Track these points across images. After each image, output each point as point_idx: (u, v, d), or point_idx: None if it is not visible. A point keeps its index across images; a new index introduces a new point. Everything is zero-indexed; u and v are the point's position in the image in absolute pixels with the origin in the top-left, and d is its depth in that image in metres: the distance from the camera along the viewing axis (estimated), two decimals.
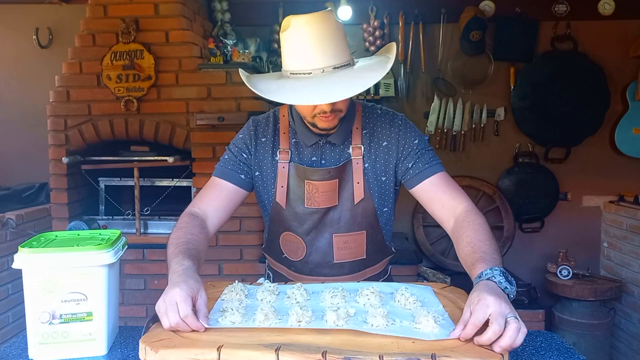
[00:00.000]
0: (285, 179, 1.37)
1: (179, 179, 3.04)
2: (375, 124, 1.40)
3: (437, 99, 3.47)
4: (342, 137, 1.36)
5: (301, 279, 1.41)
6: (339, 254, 1.40)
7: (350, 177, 1.36)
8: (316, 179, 1.34)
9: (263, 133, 1.42)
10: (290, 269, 1.45)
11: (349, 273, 1.42)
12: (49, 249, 1.06)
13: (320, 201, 1.35)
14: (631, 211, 3.22)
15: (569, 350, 1.07)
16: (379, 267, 1.48)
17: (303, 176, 1.35)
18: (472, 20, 3.25)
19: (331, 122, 1.29)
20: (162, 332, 0.98)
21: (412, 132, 1.39)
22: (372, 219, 1.39)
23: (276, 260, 1.50)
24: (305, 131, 1.37)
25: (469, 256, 1.13)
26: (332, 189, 1.35)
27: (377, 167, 1.37)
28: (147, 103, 2.90)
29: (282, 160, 1.38)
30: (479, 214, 1.26)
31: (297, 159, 1.38)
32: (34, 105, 3.45)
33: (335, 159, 1.37)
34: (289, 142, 1.39)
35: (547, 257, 3.41)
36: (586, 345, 3.05)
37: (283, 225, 1.41)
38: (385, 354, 0.86)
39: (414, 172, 1.35)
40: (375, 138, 1.38)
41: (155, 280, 2.94)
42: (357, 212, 1.37)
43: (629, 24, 3.43)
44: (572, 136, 3.50)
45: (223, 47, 3.04)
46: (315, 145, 1.37)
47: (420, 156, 1.35)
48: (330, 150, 1.38)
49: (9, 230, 2.88)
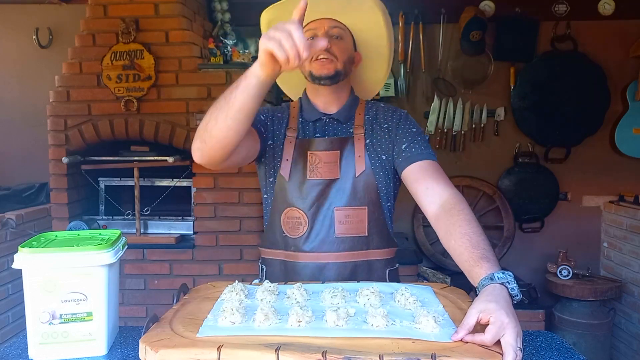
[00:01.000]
0: (291, 153, 1.43)
1: (179, 179, 3.04)
2: (377, 111, 1.50)
3: (437, 99, 3.47)
4: (345, 117, 1.48)
5: (300, 258, 1.42)
6: (340, 228, 1.41)
7: (351, 151, 1.42)
8: (319, 149, 1.42)
9: (279, 110, 1.53)
10: (290, 249, 1.45)
11: (350, 250, 1.42)
12: (49, 249, 1.06)
13: (322, 172, 1.41)
14: (631, 211, 3.23)
15: (569, 350, 1.07)
16: (384, 253, 1.47)
17: (307, 147, 1.43)
18: (472, 20, 3.26)
19: (325, 67, 1.39)
20: (162, 332, 0.98)
21: (412, 122, 1.48)
22: (374, 196, 1.42)
23: (272, 246, 1.50)
24: (310, 109, 1.48)
25: (467, 250, 1.12)
26: (333, 160, 1.41)
27: (378, 144, 1.44)
28: (147, 103, 2.90)
29: (289, 136, 1.46)
30: (466, 203, 1.26)
31: (302, 135, 1.47)
32: (34, 105, 3.45)
33: (337, 135, 1.46)
34: (297, 122, 1.49)
35: (547, 257, 3.41)
36: (586, 345, 3.05)
37: (286, 201, 1.44)
38: (385, 354, 0.86)
39: (406, 154, 1.40)
40: (377, 121, 1.47)
41: (155, 280, 2.94)
42: (359, 186, 1.41)
43: (629, 24, 3.43)
44: (572, 136, 3.50)
45: (223, 47, 3.04)
46: (319, 122, 1.48)
47: (415, 142, 1.41)
48: (333, 127, 1.47)
49: (9, 230, 2.89)
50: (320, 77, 1.41)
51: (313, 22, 1.43)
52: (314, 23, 1.43)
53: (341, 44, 1.42)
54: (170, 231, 3.06)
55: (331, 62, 1.39)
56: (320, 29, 1.41)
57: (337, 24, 1.43)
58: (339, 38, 1.42)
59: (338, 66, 1.40)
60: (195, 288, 1.27)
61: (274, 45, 1.04)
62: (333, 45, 1.39)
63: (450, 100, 3.48)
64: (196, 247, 2.94)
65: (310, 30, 1.42)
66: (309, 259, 1.41)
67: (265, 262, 1.55)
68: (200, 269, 2.94)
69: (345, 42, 1.44)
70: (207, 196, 2.92)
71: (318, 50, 1.29)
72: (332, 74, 1.40)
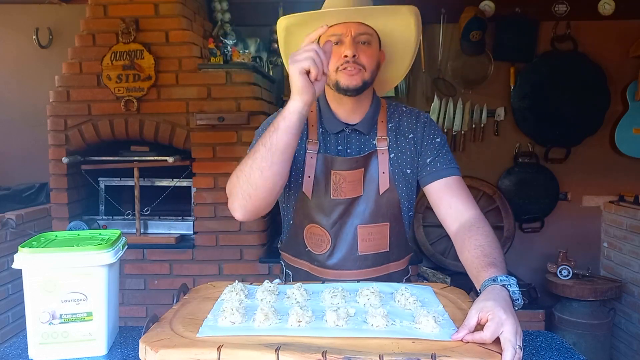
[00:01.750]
0: (313, 169, 1.38)
1: (179, 179, 3.04)
2: (401, 118, 1.43)
3: (437, 99, 3.47)
4: (368, 127, 1.40)
5: (324, 274, 1.40)
6: (363, 246, 1.39)
7: (375, 167, 1.37)
8: (343, 168, 1.36)
9: None
10: (314, 263, 1.43)
11: (372, 266, 1.40)
12: (49, 249, 1.06)
13: (346, 191, 1.36)
14: (631, 211, 3.23)
15: (569, 350, 1.07)
16: (401, 263, 1.47)
17: (330, 166, 1.37)
18: (472, 20, 3.25)
19: (354, 77, 1.31)
20: (162, 332, 0.98)
21: (436, 130, 1.42)
22: (396, 211, 1.39)
23: (297, 256, 1.48)
24: (331, 119, 1.41)
25: (478, 258, 1.13)
26: (357, 179, 1.37)
27: (403, 158, 1.39)
28: (147, 103, 2.90)
29: (310, 150, 1.39)
30: (487, 223, 1.27)
31: (324, 149, 1.40)
32: (34, 105, 3.45)
33: (360, 148, 1.40)
34: (317, 133, 1.41)
35: (547, 257, 3.41)
36: (586, 345, 3.05)
37: (308, 218, 1.41)
38: (385, 354, 0.86)
39: (431, 169, 1.37)
40: (401, 130, 1.41)
41: (155, 280, 2.94)
42: (382, 202, 1.38)
43: (629, 24, 3.43)
44: (572, 136, 3.50)
45: (223, 47, 3.04)
46: (341, 134, 1.41)
47: (439, 155, 1.38)
48: (355, 139, 1.40)
49: (9, 230, 2.89)
50: (347, 88, 1.33)
51: (339, 26, 1.32)
52: (339, 27, 1.32)
53: (369, 50, 1.34)
54: (170, 231, 3.06)
55: (359, 73, 1.32)
56: (347, 34, 1.31)
57: (365, 28, 1.34)
58: (366, 44, 1.33)
59: (365, 76, 1.33)
60: (195, 288, 1.27)
61: (309, 63, 1.12)
62: (361, 54, 1.31)
63: (450, 100, 3.48)
64: (196, 247, 2.94)
65: (335, 35, 1.32)
66: (332, 275, 1.40)
67: (290, 267, 1.52)
68: (200, 269, 2.94)
69: (372, 48, 1.35)
70: (207, 196, 2.92)
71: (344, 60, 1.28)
72: (360, 86, 1.33)
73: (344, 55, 1.31)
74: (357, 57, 1.31)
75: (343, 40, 1.32)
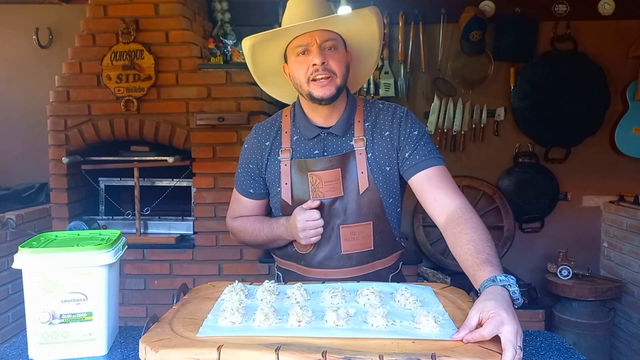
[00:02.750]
0: (288, 176, 1.41)
1: (179, 179, 3.04)
2: (377, 116, 1.43)
3: (437, 99, 3.47)
4: (344, 129, 1.41)
5: (310, 273, 1.43)
6: (346, 245, 1.40)
7: (354, 167, 1.38)
8: (318, 169, 1.38)
9: (266, 137, 1.48)
10: (300, 262, 1.46)
11: (357, 265, 1.42)
12: (49, 249, 1.06)
13: (325, 191, 1.38)
14: (631, 211, 3.23)
15: (569, 350, 1.07)
16: (389, 260, 1.47)
17: (305, 169, 1.39)
18: (472, 20, 3.25)
19: (326, 88, 1.33)
20: (162, 332, 0.98)
21: (413, 123, 1.42)
22: (378, 210, 1.40)
23: (285, 257, 1.51)
24: (307, 124, 1.42)
25: (472, 255, 1.13)
26: (335, 179, 1.38)
27: (381, 156, 1.40)
28: (147, 103, 2.90)
29: (283, 158, 1.43)
30: (475, 212, 1.26)
31: (299, 154, 1.42)
32: (33, 105, 3.45)
33: (337, 151, 1.41)
34: (290, 140, 1.44)
35: (547, 257, 3.41)
36: (586, 345, 3.05)
37: None
38: (385, 354, 0.86)
39: (411, 163, 1.37)
40: (377, 129, 1.41)
41: (155, 280, 2.94)
42: (363, 202, 1.39)
43: (629, 24, 3.43)
44: (572, 136, 3.50)
45: (223, 47, 3.04)
46: (317, 138, 1.42)
47: (418, 147, 1.38)
48: (332, 142, 1.42)
49: (9, 230, 2.88)
50: (322, 99, 1.34)
51: (303, 36, 1.33)
52: (304, 37, 1.33)
53: (336, 54, 1.35)
54: (170, 231, 3.06)
55: (331, 81, 1.32)
56: (312, 42, 1.32)
57: (330, 34, 1.34)
58: (332, 49, 1.34)
59: (338, 82, 1.34)
60: (195, 288, 1.28)
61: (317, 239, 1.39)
62: (329, 60, 1.32)
63: (450, 100, 3.48)
64: (196, 247, 2.94)
65: (301, 46, 1.34)
66: (318, 274, 1.42)
67: (281, 270, 1.56)
68: (200, 269, 2.94)
69: (340, 52, 1.36)
70: (207, 196, 2.92)
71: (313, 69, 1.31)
72: (334, 94, 1.34)
73: (313, 64, 1.32)
74: (327, 64, 1.32)
75: (310, 50, 1.33)
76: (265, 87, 1.55)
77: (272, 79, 1.51)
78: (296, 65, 1.36)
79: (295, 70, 1.36)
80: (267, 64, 1.46)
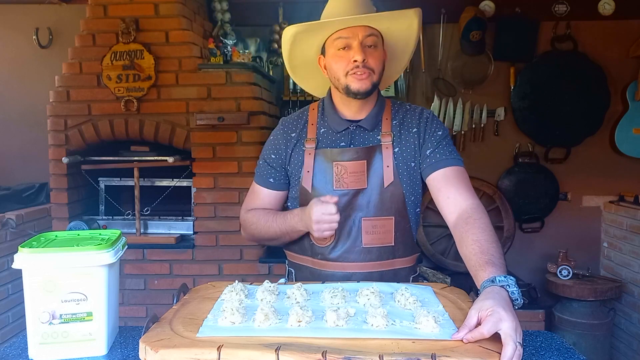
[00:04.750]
0: (311, 164, 1.42)
1: (179, 179, 3.04)
2: (404, 115, 1.46)
3: (437, 99, 3.47)
4: (372, 124, 1.43)
5: (327, 267, 1.42)
6: (367, 238, 1.40)
7: (379, 161, 1.39)
8: (345, 159, 1.39)
9: (292, 128, 1.49)
10: (317, 257, 1.44)
11: (376, 259, 1.41)
12: (49, 249, 1.06)
13: (349, 182, 1.39)
14: (631, 211, 3.22)
15: (569, 350, 1.07)
16: (408, 261, 1.47)
17: (331, 158, 1.40)
18: (472, 20, 3.25)
19: (364, 82, 1.34)
20: (162, 332, 0.98)
21: (439, 124, 1.45)
22: (401, 206, 1.41)
23: (300, 252, 1.50)
24: (336, 118, 1.44)
25: (476, 255, 1.13)
26: (360, 170, 1.39)
27: (407, 152, 1.41)
28: (147, 103, 2.90)
29: (308, 147, 1.44)
30: (485, 213, 1.27)
31: (324, 145, 1.44)
32: (33, 105, 3.44)
33: (364, 144, 1.42)
34: (316, 132, 1.45)
35: (547, 257, 3.41)
36: (586, 345, 3.05)
37: None
38: (385, 354, 0.86)
39: (430, 160, 1.38)
40: (405, 125, 1.44)
41: (155, 280, 2.94)
42: (386, 196, 1.39)
43: (629, 24, 3.43)
44: (572, 136, 3.50)
45: (223, 47, 3.04)
46: (346, 131, 1.44)
47: (439, 147, 1.39)
48: (360, 136, 1.43)
49: (9, 230, 2.88)
50: (358, 92, 1.36)
51: (345, 30, 1.34)
52: (346, 31, 1.34)
53: (376, 53, 1.36)
54: (170, 231, 3.06)
55: (368, 76, 1.35)
56: (354, 38, 1.33)
57: (372, 31, 1.35)
58: (373, 47, 1.36)
59: (374, 79, 1.36)
60: (195, 288, 1.28)
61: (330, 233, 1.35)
62: (369, 57, 1.34)
63: (450, 100, 3.48)
64: (196, 247, 2.94)
65: (342, 39, 1.35)
66: (335, 268, 1.41)
67: (293, 265, 1.54)
68: (200, 269, 2.94)
69: (379, 50, 1.38)
70: (207, 196, 2.92)
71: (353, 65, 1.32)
72: (370, 89, 1.36)
73: (354, 60, 1.33)
74: (366, 62, 1.33)
75: (351, 45, 1.34)
76: (296, 77, 1.56)
77: (303, 70, 1.52)
78: (336, 59, 1.37)
79: (334, 63, 1.37)
80: (303, 54, 1.47)
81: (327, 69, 1.42)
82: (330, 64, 1.39)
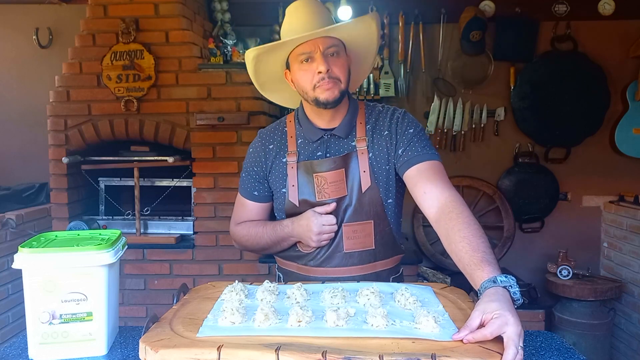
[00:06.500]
0: (295, 178, 1.44)
1: (179, 179, 3.04)
2: (377, 117, 1.47)
3: (437, 99, 3.47)
4: (346, 131, 1.44)
5: (311, 272, 1.45)
6: (348, 244, 1.42)
7: (356, 166, 1.41)
8: (323, 170, 1.41)
9: (270, 140, 1.51)
10: (300, 262, 1.47)
11: (358, 264, 1.43)
12: (49, 249, 1.06)
13: (330, 192, 1.41)
14: (631, 211, 3.23)
15: (569, 350, 1.07)
16: (389, 262, 1.48)
17: (311, 170, 1.42)
18: (472, 20, 3.25)
19: (331, 91, 1.35)
20: (162, 332, 0.98)
21: (410, 122, 1.45)
22: (379, 209, 1.42)
23: (286, 258, 1.53)
24: (310, 128, 1.45)
25: (467, 253, 1.12)
26: (339, 179, 1.41)
27: (381, 155, 1.42)
28: (147, 103, 2.90)
29: (290, 161, 1.45)
30: (465, 205, 1.26)
31: (304, 157, 1.45)
32: (33, 105, 3.45)
33: (339, 152, 1.43)
34: (296, 144, 1.47)
35: (547, 257, 3.41)
36: (586, 345, 3.05)
37: None
38: (385, 354, 0.86)
39: (404, 158, 1.39)
40: (377, 129, 1.44)
41: (155, 280, 2.94)
42: (365, 201, 1.41)
43: (629, 24, 3.43)
44: (572, 136, 3.50)
45: (223, 47, 3.04)
46: (320, 140, 1.45)
47: (411, 144, 1.40)
48: (335, 144, 1.44)
49: (9, 230, 2.88)
50: (327, 102, 1.36)
51: (306, 44, 1.35)
52: (307, 45, 1.34)
53: (339, 60, 1.37)
54: (170, 231, 3.06)
55: (335, 85, 1.35)
56: (316, 50, 1.34)
57: (332, 41, 1.36)
58: (335, 55, 1.37)
59: (342, 87, 1.37)
60: (195, 288, 1.28)
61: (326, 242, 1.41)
62: (333, 66, 1.35)
63: (450, 100, 3.48)
64: (196, 247, 2.94)
65: (304, 54, 1.35)
66: (319, 273, 1.44)
67: (281, 270, 1.58)
68: (200, 269, 2.94)
69: (342, 57, 1.39)
70: (207, 196, 2.92)
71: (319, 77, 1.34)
72: (338, 97, 1.37)
73: (318, 72, 1.34)
74: (331, 71, 1.34)
75: (313, 57, 1.35)
76: (266, 93, 1.57)
77: (273, 85, 1.54)
78: (301, 73, 1.38)
79: (300, 77, 1.38)
80: (268, 72, 1.48)
81: (294, 82, 1.43)
82: (297, 78, 1.40)
